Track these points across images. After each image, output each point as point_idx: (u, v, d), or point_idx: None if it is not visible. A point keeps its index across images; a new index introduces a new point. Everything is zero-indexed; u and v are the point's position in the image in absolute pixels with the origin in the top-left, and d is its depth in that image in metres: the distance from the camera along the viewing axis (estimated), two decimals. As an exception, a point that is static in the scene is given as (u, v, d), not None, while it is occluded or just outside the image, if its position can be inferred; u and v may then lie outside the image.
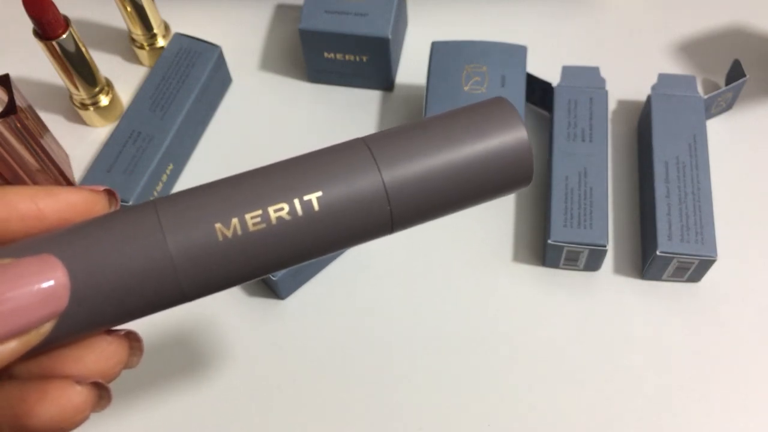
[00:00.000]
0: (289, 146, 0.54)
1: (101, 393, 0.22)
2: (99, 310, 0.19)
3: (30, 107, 0.50)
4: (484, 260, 0.48)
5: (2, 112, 0.46)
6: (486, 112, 0.23)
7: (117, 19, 0.60)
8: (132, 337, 0.22)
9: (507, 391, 0.44)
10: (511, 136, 0.22)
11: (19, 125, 0.47)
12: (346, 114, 0.55)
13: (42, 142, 0.49)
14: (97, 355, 0.21)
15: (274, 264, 0.21)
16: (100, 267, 0.19)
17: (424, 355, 0.45)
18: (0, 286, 0.17)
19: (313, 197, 0.21)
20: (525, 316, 0.46)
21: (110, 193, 0.23)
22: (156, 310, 0.21)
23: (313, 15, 0.52)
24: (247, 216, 0.21)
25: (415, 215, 0.23)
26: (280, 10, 0.61)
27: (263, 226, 0.21)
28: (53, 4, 0.47)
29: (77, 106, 0.54)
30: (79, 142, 0.54)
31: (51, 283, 0.18)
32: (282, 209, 0.21)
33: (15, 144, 0.48)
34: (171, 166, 0.51)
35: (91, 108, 0.54)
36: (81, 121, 0.55)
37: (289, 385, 0.45)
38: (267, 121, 0.55)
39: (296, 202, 0.21)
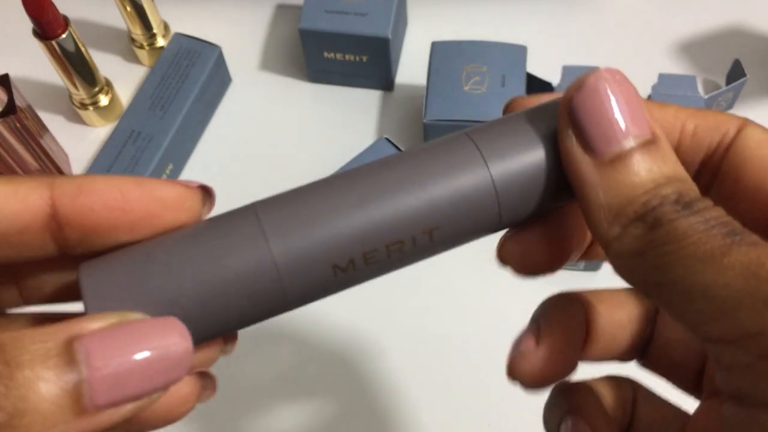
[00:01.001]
0: (289, 146, 0.54)
1: (206, 383, 0.21)
2: (215, 317, 0.19)
3: (29, 107, 0.50)
4: (485, 260, 0.48)
5: (2, 112, 0.46)
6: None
7: (117, 18, 0.59)
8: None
9: (507, 392, 0.44)
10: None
11: (18, 125, 0.47)
12: (346, 114, 0.55)
13: (41, 142, 0.49)
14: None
15: (369, 276, 0.21)
16: (215, 272, 0.19)
17: (424, 355, 0.45)
18: (129, 347, 0.16)
19: (431, 232, 0.21)
20: (525, 317, 0.46)
21: (205, 190, 0.22)
22: (260, 319, 0.21)
23: (313, 15, 0.52)
24: (365, 252, 0.20)
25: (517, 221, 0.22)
26: (280, 10, 0.61)
27: (377, 264, 0.20)
28: (53, 4, 0.47)
29: (77, 106, 0.54)
30: (79, 142, 0.54)
31: (176, 348, 0.17)
32: (400, 245, 0.20)
33: (14, 144, 0.48)
34: (170, 166, 0.51)
35: (91, 108, 0.54)
36: (80, 121, 0.55)
37: (289, 385, 0.45)
38: (267, 120, 0.55)
39: (414, 237, 0.20)
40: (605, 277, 0.47)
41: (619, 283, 0.46)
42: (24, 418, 0.15)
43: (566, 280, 0.47)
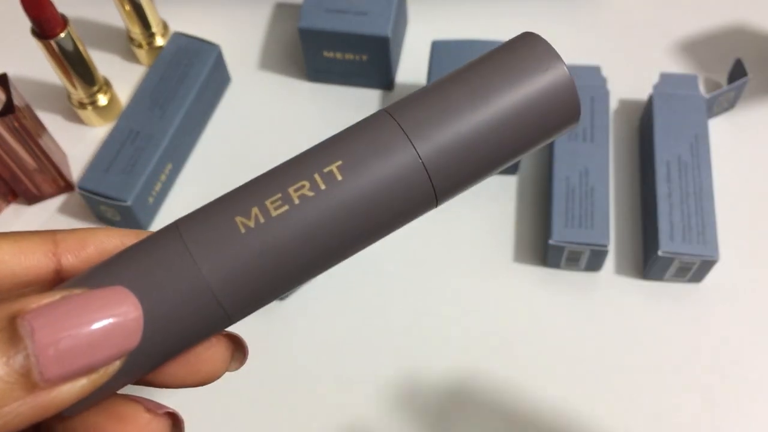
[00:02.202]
0: (289, 145, 0.54)
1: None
2: (152, 347, 0.18)
3: (28, 107, 0.50)
4: (485, 260, 0.48)
5: (0, 111, 0.46)
6: (517, 53, 0.20)
7: (115, 18, 0.59)
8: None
9: (506, 391, 0.44)
10: (551, 74, 0.20)
11: (17, 125, 0.46)
12: (346, 113, 0.55)
13: (40, 141, 0.49)
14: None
15: (315, 254, 0.19)
16: (147, 300, 0.18)
17: (424, 356, 0.45)
18: (73, 319, 0.16)
19: (333, 167, 0.19)
20: (526, 317, 0.46)
21: None
22: (205, 338, 0.19)
23: (313, 14, 0.52)
24: (267, 202, 0.19)
25: (459, 181, 0.20)
26: (280, 9, 0.60)
27: (285, 208, 0.19)
28: (51, 3, 0.46)
29: (75, 106, 0.54)
30: (78, 142, 0.54)
31: (127, 317, 0.17)
32: (302, 187, 0.19)
33: (13, 144, 0.47)
34: (170, 166, 0.51)
35: (90, 107, 0.53)
36: (79, 121, 0.55)
37: (289, 385, 0.44)
38: (266, 120, 0.55)
39: (316, 176, 0.19)
40: (607, 277, 0.47)
41: (620, 283, 0.46)
42: None
43: (567, 279, 0.47)
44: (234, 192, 0.20)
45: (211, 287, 0.18)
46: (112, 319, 0.16)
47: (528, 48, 0.20)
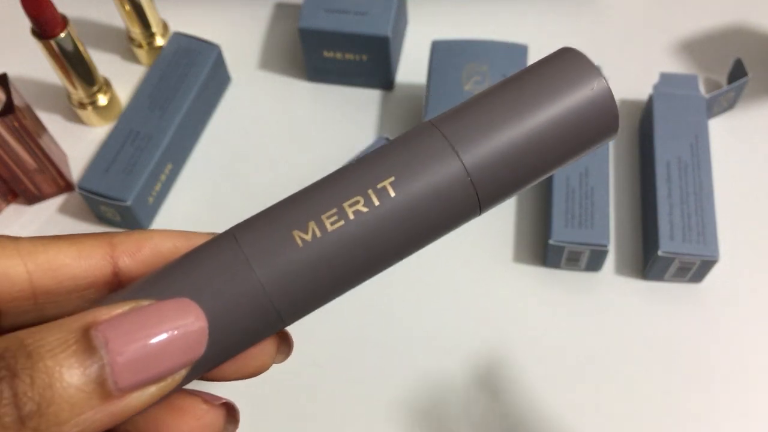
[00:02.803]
0: (289, 145, 0.54)
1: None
2: (213, 351, 0.19)
3: (28, 107, 0.50)
4: (485, 260, 0.48)
5: (0, 111, 0.46)
6: (557, 66, 0.21)
7: (115, 18, 0.59)
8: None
9: (507, 391, 0.44)
10: (590, 87, 0.20)
11: (17, 125, 0.46)
12: (346, 113, 0.55)
13: (40, 141, 0.49)
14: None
15: (366, 265, 0.20)
16: (210, 308, 0.19)
17: (424, 356, 0.45)
18: (145, 330, 0.17)
19: (386, 183, 0.20)
20: (526, 317, 0.46)
21: None
22: (260, 340, 0.20)
23: (313, 14, 0.52)
24: (323, 217, 0.20)
25: (501, 191, 0.21)
26: (280, 9, 0.60)
27: (341, 223, 0.19)
28: (51, 3, 0.46)
29: (75, 106, 0.54)
30: (78, 142, 0.54)
31: (193, 327, 0.18)
32: (357, 202, 0.20)
33: (13, 144, 0.47)
34: (170, 166, 0.51)
35: (90, 107, 0.53)
36: (79, 121, 0.55)
37: (287, 385, 0.44)
38: (266, 120, 0.55)
39: (370, 192, 0.20)
40: (607, 278, 0.47)
41: (620, 283, 0.46)
42: (51, 406, 0.15)
43: (567, 279, 0.47)
44: (288, 203, 0.21)
45: (270, 297, 0.19)
46: (180, 329, 0.17)
47: (569, 62, 0.21)
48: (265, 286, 0.19)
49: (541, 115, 0.20)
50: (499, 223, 0.49)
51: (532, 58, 0.53)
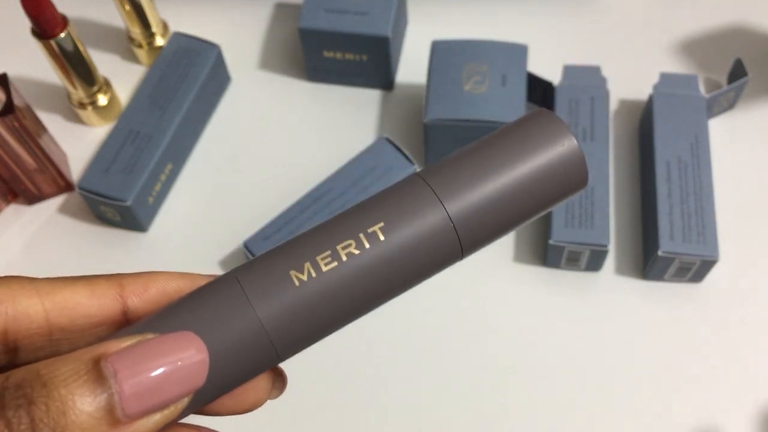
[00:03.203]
0: (289, 145, 0.54)
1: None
2: (213, 384, 0.20)
3: (28, 107, 0.50)
4: (485, 260, 0.48)
5: (0, 111, 0.46)
6: (533, 127, 0.23)
7: (115, 18, 0.59)
8: (278, 376, 0.24)
9: (507, 391, 0.44)
10: (563, 147, 0.23)
11: (17, 125, 0.46)
12: (346, 113, 0.55)
13: (40, 141, 0.49)
14: None
15: (357, 304, 0.22)
16: (212, 343, 0.20)
17: (424, 356, 0.45)
18: (150, 361, 0.18)
19: (377, 228, 0.22)
20: (526, 317, 0.46)
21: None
22: (256, 375, 0.22)
23: (313, 14, 0.52)
24: (318, 258, 0.21)
25: (483, 238, 0.23)
26: (280, 9, 0.60)
27: (335, 264, 0.21)
28: (51, 3, 0.46)
29: (75, 106, 0.54)
30: (78, 142, 0.54)
31: (195, 358, 0.19)
32: (350, 245, 0.21)
33: (13, 144, 0.47)
34: (170, 166, 0.51)
35: (90, 107, 0.53)
36: (79, 121, 0.55)
37: (289, 385, 0.44)
38: (266, 120, 0.55)
39: (362, 236, 0.22)
40: (607, 278, 0.47)
41: (620, 283, 0.46)
42: (65, 431, 0.17)
43: (567, 279, 0.47)
44: (286, 246, 0.22)
45: (267, 333, 0.21)
46: (182, 361, 0.19)
47: (544, 124, 0.23)
48: (264, 323, 0.21)
49: (517, 171, 0.23)
50: (499, 223, 0.49)
51: (532, 58, 0.53)
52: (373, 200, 0.23)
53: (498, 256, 0.48)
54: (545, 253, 0.47)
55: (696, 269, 0.45)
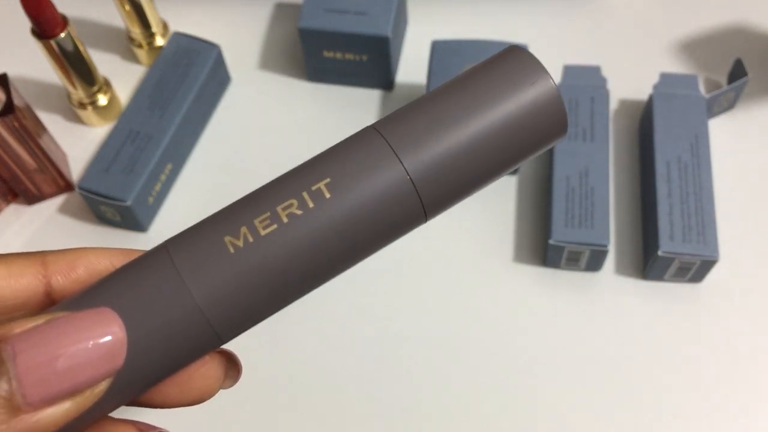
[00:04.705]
0: (289, 146, 0.54)
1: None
2: (142, 369, 0.18)
3: (28, 107, 0.50)
4: (485, 260, 0.48)
5: (0, 111, 0.46)
6: (503, 67, 0.20)
7: (115, 18, 0.59)
8: (232, 364, 0.21)
9: (507, 391, 0.44)
10: (536, 88, 0.20)
11: (17, 125, 0.46)
12: (346, 113, 0.55)
13: (40, 141, 0.49)
14: None
15: (304, 272, 0.19)
16: (136, 321, 0.18)
17: (424, 355, 0.45)
18: (56, 342, 0.16)
19: (321, 185, 0.19)
20: (525, 317, 0.46)
21: None
22: (195, 358, 0.19)
23: (313, 14, 0.52)
24: (256, 221, 0.19)
25: (447, 196, 0.20)
26: (280, 9, 0.60)
27: (274, 227, 0.18)
28: (51, 3, 0.46)
29: (75, 106, 0.53)
30: (78, 142, 0.54)
31: (109, 337, 0.17)
32: (291, 205, 0.19)
33: (13, 144, 0.47)
34: (170, 166, 0.51)
35: (90, 107, 0.53)
36: (79, 121, 0.55)
37: (287, 385, 0.44)
38: (266, 120, 0.55)
39: (305, 194, 0.19)
40: (607, 278, 0.47)
41: (620, 283, 0.46)
42: None
43: (567, 279, 0.47)
44: (223, 211, 0.20)
45: (200, 307, 0.18)
46: (95, 340, 0.17)
47: (514, 62, 0.20)
48: (197, 298, 0.18)
49: (485, 116, 0.20)
50: (499, 223, 0.49)
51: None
52: (320, 156, 0.20)
53: (498, 256, 0.48)
54: (545, 253, 0.47)
55: (696, 269, 0.45)
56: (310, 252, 0.19)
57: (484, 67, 0.21)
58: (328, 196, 0.19)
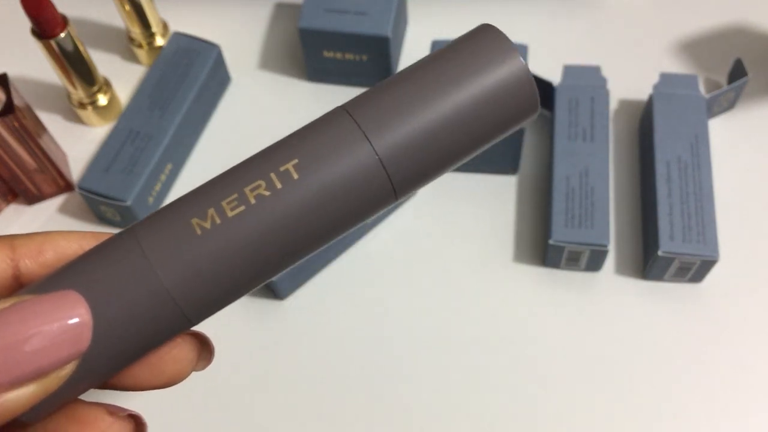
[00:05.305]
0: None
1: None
2: (110, 352, 0.18)
3: (28, 107, 0.50)
4: (485, 260, 0.48)
5: (0, 111, 0.46)
6: (472, 46, 0.20)
7: (115, 18, 0.59)
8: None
9: (507, 392, 0.44)
10: (506, 66, 0.20)
11: (17, 125, 0.46)
12: (346, 113, 0.55)
13: (40, 141, 0.49)
14: None
15: (273, 253, 0.19)
16: (103, 304, 0.18)
17: (424, 356, 0.45)
18: (20, 325, 0.16)
19: (289, 166, 0.19)
20: (525, 317, 0.46)
21: None
22: (165, 341, 0.19)
23: (313, 14, 0.52)
24: (223, 203, 0.19)
25: (417, 175, 0.20)
26: (280, 9, 0.60)
27: (242, 209, 0.19)
28: (51, 3, 0.46)
29: (75, 106, 0.54)
30: (78, 142, 0.54)
31: (74, 320, 0.17)
32: (258, 186, 0.19)
33: (13, 144, 0.47)
34: (170, 166, 0.51)
35: (90, 107, 0.53)
36: (79, 121, 0.55)
37: (289, 386, 0.44)
38: (266, 120, 0.55)
39: (272, 175, 0.19)
40: (607, 278, 0.47)
41: (620, 283, 0.46)
42: None
43: (567, 279, 0.47)
44: (191, 193, 0.20)
45: (168, 289, 0.18)
46: (60, 322, 0.16)
47: (483, 40, 0.20)
48: (163, 279, 0.18)
49: (453, 95, 0.20)
50: (499, 223, 0.49)
51: (532, 58, 0.53)
52: (289, 137, 0.20)
53: (498, 256, 0.48)
54: (545, 253, 0.47)
55: (696, 269, 0.45)
56: (278, 233, 0.19)
57: (454, 46, 0.21)
58: (296, 177, 0.19)
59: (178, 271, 0.18)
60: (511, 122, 0.20)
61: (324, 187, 0.19)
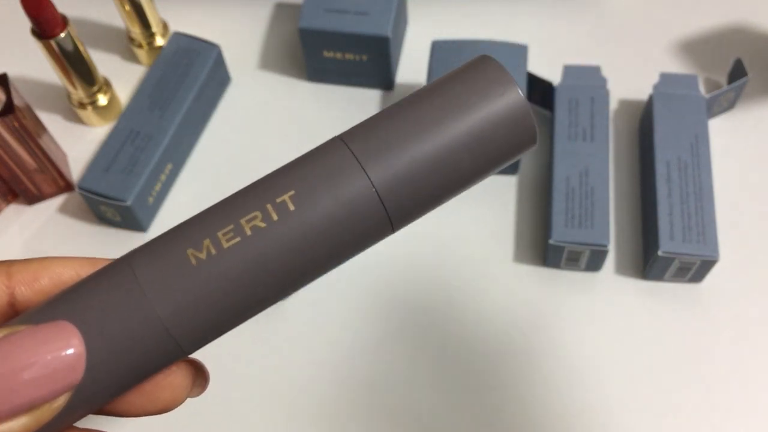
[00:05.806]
0: (289, 146, 0.54)
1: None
2: (104, 382, 0.18)
3: (28, 107, 0.50)
4: (485, 260, 0.48)
5: (0, 111, 0.46)
6: (471, 78, 0.20)
7: (115, 18, 0.59)
8: (199, 372, 0.21)
9: (507, 391, 0.44)
10: (504, 99, 0.19)
11: (17, 125, 0.46)
12: (346, 113, 0.55)
13: (40, 141, 0.49)
14: None
15: (268, 284, 0.19)
16: (98, 335, 0.18)
17: (424, 356, 0.45)
18: (13, 356, 0.16)
19: (286, 197, 0.19)
20: (526, 317, 0.46)
21: None
22: (159, 370, 0.19)
23: (313, 14, 0.52)
24: (219, 234, 0.18)
25: (414, 208, 0.20)
26: (280, 9, 0.60)
27: (237, 240, 0.18)
28: (51, 3, 0.46)
29: (75, 106, 0.54)
30: (78, 142, 0.54)
31: (68, 351, 0.17)
32: (255, 218, 0.19)
33: (13, 144, 0.47)
34: (170, 166, 0.51)
35: (90, 107, 0.53)
36: (79, 121, 0.55)
37: (289, 386, 0.44)
38: (266, 120, 0.55)
39: (269, 207, 0.19)
40: (607, 277, 0.47)
41: (620, 283, 0.46)
42: None
43: (567, 279, 0.47)
44: (188, 223, 0.19)
45: (162, 320, 0.18)
46: (53, 354, 0.16)
47: (481, 72, 0.20)
48: (157, 309, 0.18)
49: (451, 127, 0.19)
50: (499, 223, 0.49)
51: (532, 58, 0.53)
52: (285, 167, 0.20)
53: (498, 256, 0.48)
54: (545, 253, 0.47)
55: (696, 269, 0.45)
56: (273, 265, 0.19)
57: (453, 77, 0.20)
58: (292, 208, 0.19)
59: (173, 302, 0.18)
60: (509, 154, 0.20)
61: (320, 219, 0.19)
